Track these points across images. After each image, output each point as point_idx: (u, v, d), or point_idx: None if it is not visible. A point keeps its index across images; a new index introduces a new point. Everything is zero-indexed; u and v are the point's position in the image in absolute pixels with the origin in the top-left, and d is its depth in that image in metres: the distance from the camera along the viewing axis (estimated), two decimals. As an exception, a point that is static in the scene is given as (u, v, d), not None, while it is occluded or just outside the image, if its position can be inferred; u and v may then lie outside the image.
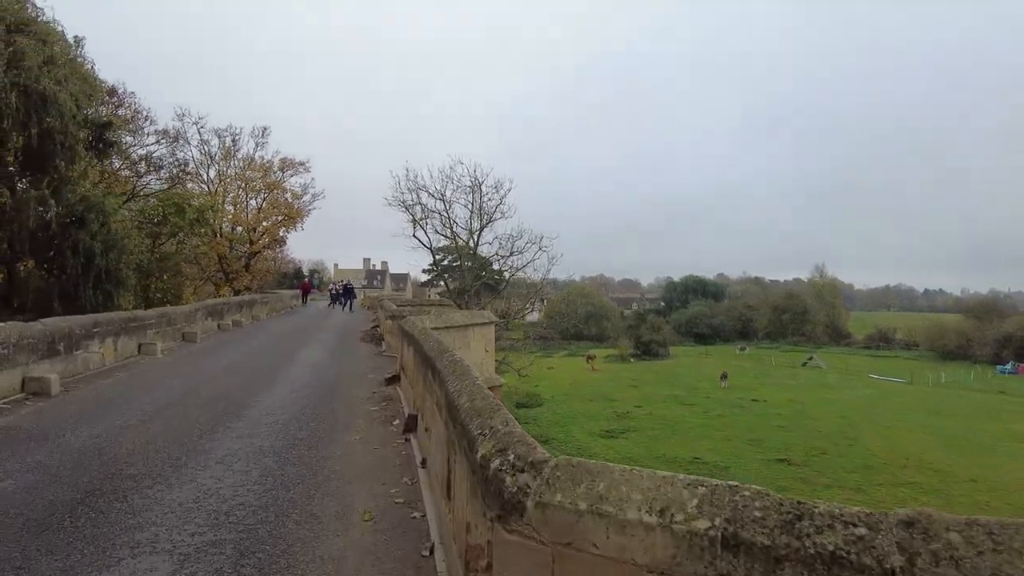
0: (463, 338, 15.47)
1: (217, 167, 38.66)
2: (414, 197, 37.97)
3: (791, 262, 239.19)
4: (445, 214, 38.85)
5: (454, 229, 39.36)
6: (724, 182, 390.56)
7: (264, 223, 39.93)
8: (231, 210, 39.27)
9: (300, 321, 28.22)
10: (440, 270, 48.57)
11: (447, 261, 47.51)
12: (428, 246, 39.72)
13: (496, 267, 42.02)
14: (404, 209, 38.02)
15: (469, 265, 40.73)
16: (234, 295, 33.85)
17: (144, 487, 5.60)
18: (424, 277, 72.11)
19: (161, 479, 5.83)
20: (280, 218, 40.62)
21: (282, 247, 46.62)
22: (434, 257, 43.41)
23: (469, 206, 38.88)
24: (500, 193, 37.89)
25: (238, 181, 39.38)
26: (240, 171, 39.50)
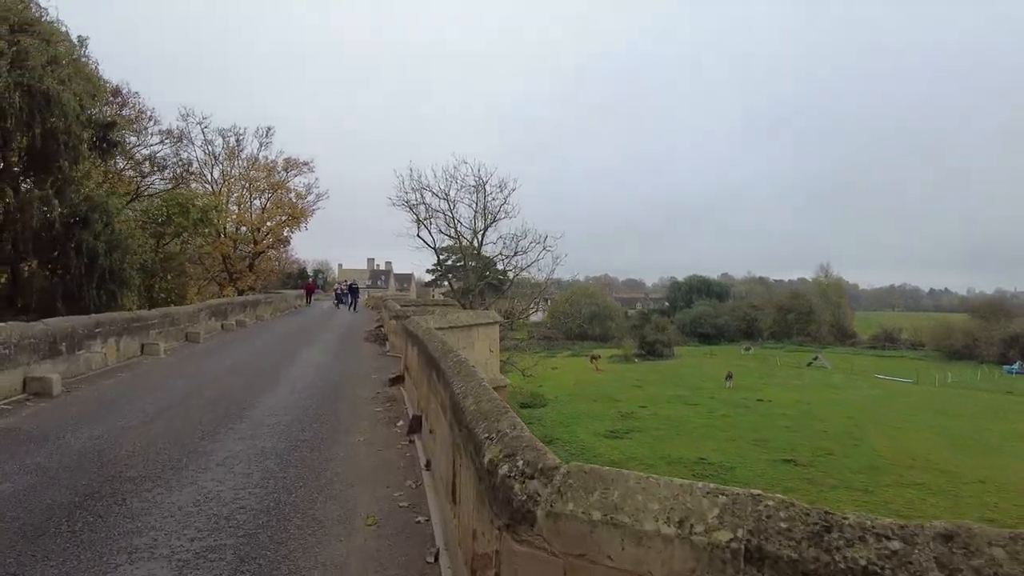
0: (467, 338, 15.36)
1: (221, 167, 38.75)
2: (418, 197, 37.89)
3: (795, 262, 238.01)
4: (449, 214, 38.75)
5: (458, 229, 39.26)
6: (726, 182, 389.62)
7: (268, 223, 39.97)
8: (235, 210, 39.33)
9: (304, 321, 28.16)
10: (444, 270, 48.48)
11: (451, 261, 47.43)
12: (432, 246, 39.64)
13: (500, 267, 41.91)
14: (408, 209, 37.94)
15: (473, 265, 40.59)
16: (238, 295, 33.86)
17: (144, 490, 5.50)
18: (428, 277, 72.07)
19: (161, 482, 5.73)
20: (284, 218, 40.65)
21: (286, 247, 46.70)
22: (438, 257, 43.33)
23: (473, 206, 38.78)
24: (504, 193, 37.80)
25: (242, 181, 39.46)
26: (244, 171, 39.57)
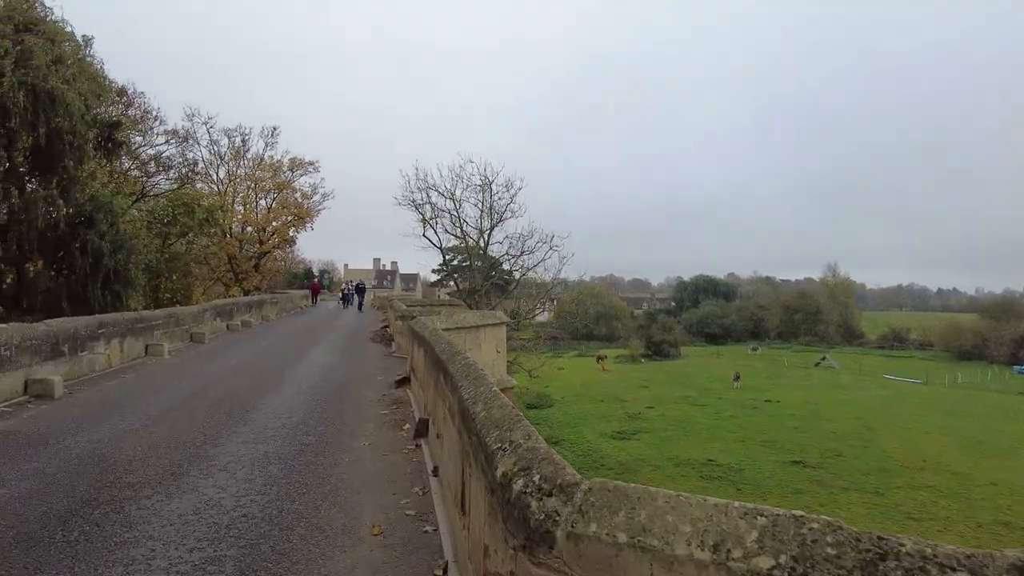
0: (474, 339, 15.19)
1: (227, 167, 38.76)
2: (424, 196, 37.66)
3: (801, 261, 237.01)
4: (455, 213, 38.52)
5: (464, 228, 39.04)
6: (728, 182, 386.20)
7: (274, 223, 39.96)
8: (241, 210, 39.35)
9: (310, 321, 28.05)
10: (450, 270, 48.35)
11: (457, 261, 47.27)
12: (438, 246, 39.40)
13: (506, 267, 41.71)
14: (415, 208, 37.73)
15: (479, 265, 40.40)
16: (244, 295, 33.80)
17: (143, 497, 5.33)
18: (434, 277, 72.01)
19: (161, 488, 5.56)
20: (290, 218, 40.62)
21: (292, 247, 46.67)
22: (444, 257, 43.15)
23: (479, 205, 38.56)
24: (511, 192, 37.54)
25: (248, 181, 39.46)
26: (250, 171, 39.58)
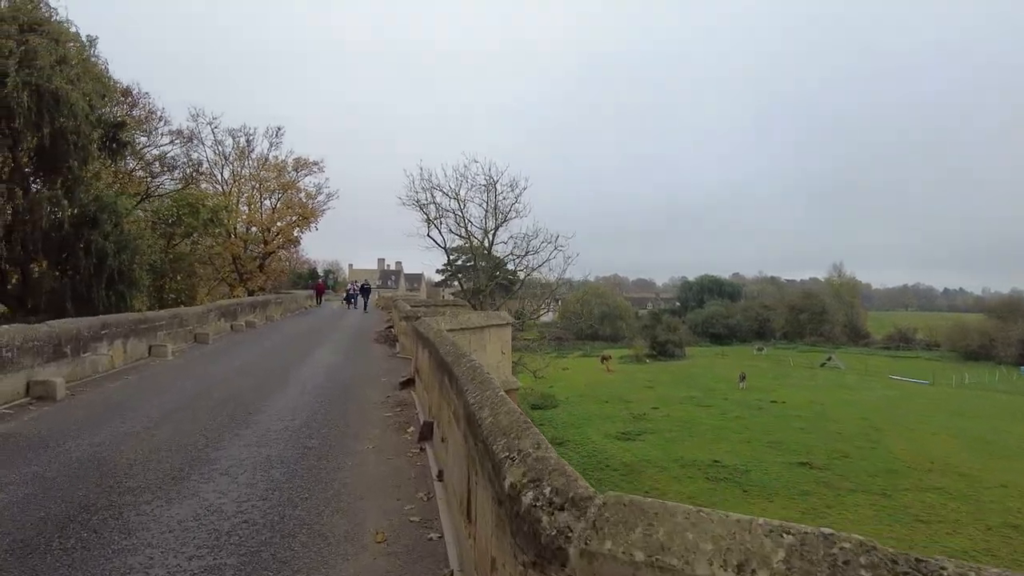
0: (479, 340, 15.08)
1: (231, 167, 38.71)
2: (428, 196, 37.60)
3: (800, 261, 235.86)
4: (460, 213, 38.44)
5: (469, 228, 38.94)
6: (730, 182, 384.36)
7: (278, 223, 39.87)
8: (245, 210, 39.29)
9: (314, 322, 28.00)
10: (454, 270, 48.23)
11: (461, 261, 47.17)
12: (443, 246, 39.32)
13: (511, 267, 41.57)
14: (419, 208, 37.66)
15: (484, 265, 40.29)
16: (248, 296, 33.77)
17: (142, 502, 5.24)
18: (438, 277, 71.90)
19: (161, 493, 5.47)
20: (294, 218, 40.56)
21: (296, 247, 46.62)
22: (448, 257, 43.07)
23: (484, 205, 38.45)
24: (515, 192, 37.43)
25: (252, 181, 39.39)
26: (254, 171, 39.51)
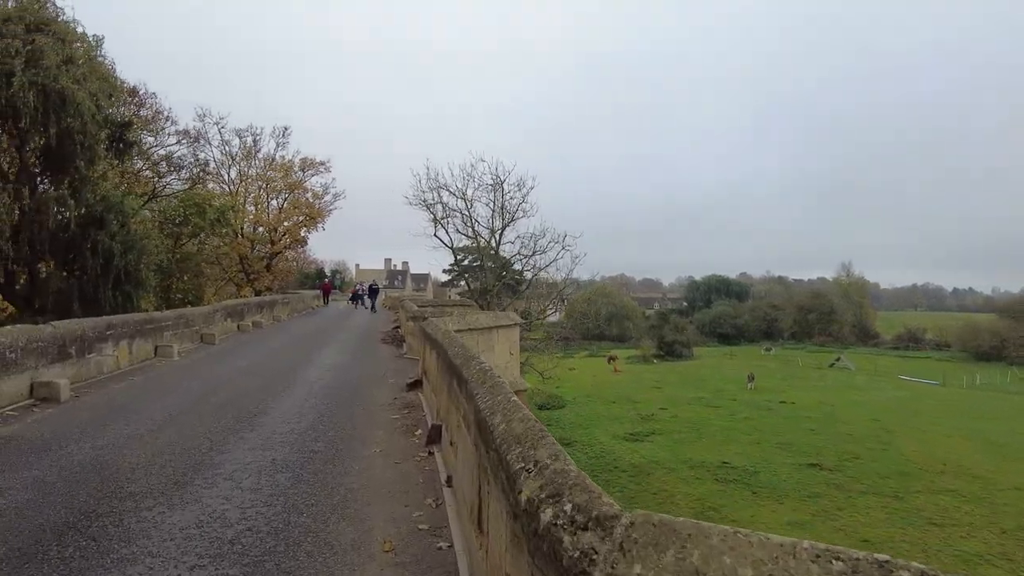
0: (487, 341, 14.93)
1: (238, 167, 38.75)
2: (435, 196, 37.46)
3: (803, 261, 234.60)
4: (467, 213, 38.27)
5: (475, 228, 38.77)
6: (732, 181, 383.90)
7: (285, 223, 39.91)
8: (252, 210, 39.34)
9: (321, 322, 27.91)
10: (461, 270, 48.11)
11: (467, 261, 47.03)
12: (449, 246, 39.16)
13: (518, 267, 41.41)
14: (425, 208, 37.52)
15: (491, 265, 40.14)
16: (255, 295, 33.75)
17: (144, 508, 5.11)
18: (445, 277, 71.81)
19: (163, 499, 5.34)
20: (301, 218, 40.55)
21: (303, 247, 46.62)
22: (455, 257, 42.92)
23: (491, 205, 38.29)
24: (522, 191, 37.23)
25: (259, 181, 39.44)
26: (261, 171, 39.55)
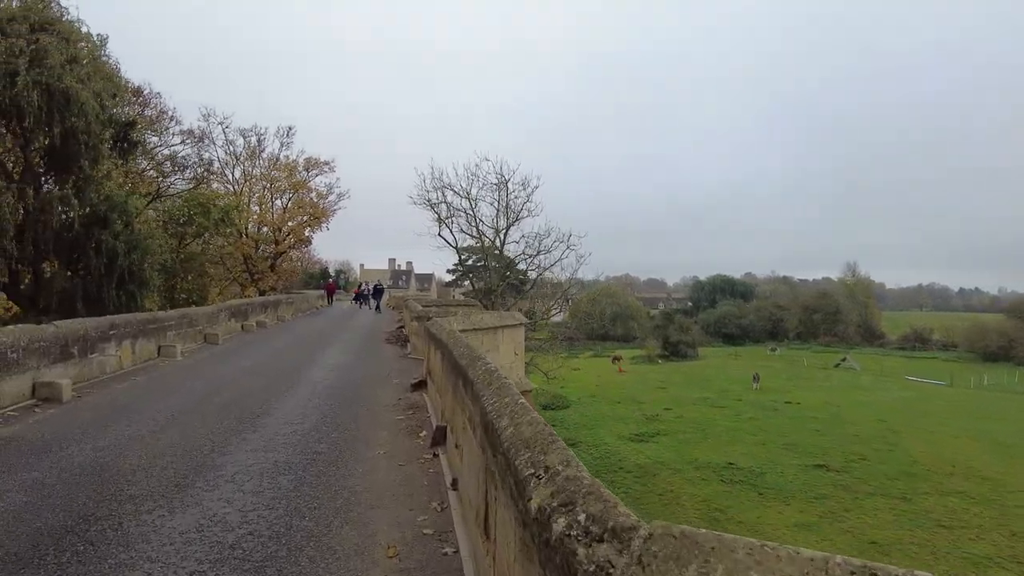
0: (492, 341, 14.82)
1: (242, 167, 38.72)
2: (439, 196, 37.35)
3: (804, 261, 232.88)
4: (471, 212, 38.14)
5: (480, 228, 38.65)
6: (731, 182, 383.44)
7: (289, 223, 39.83)
8: (257, 210, 39.31)
9: (325, 322, 27.86)
10: (465, 270, 48.00)
11: (472, 261, 46.93)
12: (454, 245, 39.05)
13: (522, 267, 41.28)
14: (430, 207, 37.42)
15: (495, 265, 40.01)
16: (260, 295, 33.71)
17: (143, 511, 5.01)
18: (449, 277, 71.71)
19: (164, 501, 5.24)
20: (305, 218, 40.50)
21: (308, 247, 46.58)
22: (459, 256, 42.81)
23: (495, 204, 38.15)
24: (527, 190, 37.04)
25: (263, 181, 39.40)
26: (265, 171, 39.51)
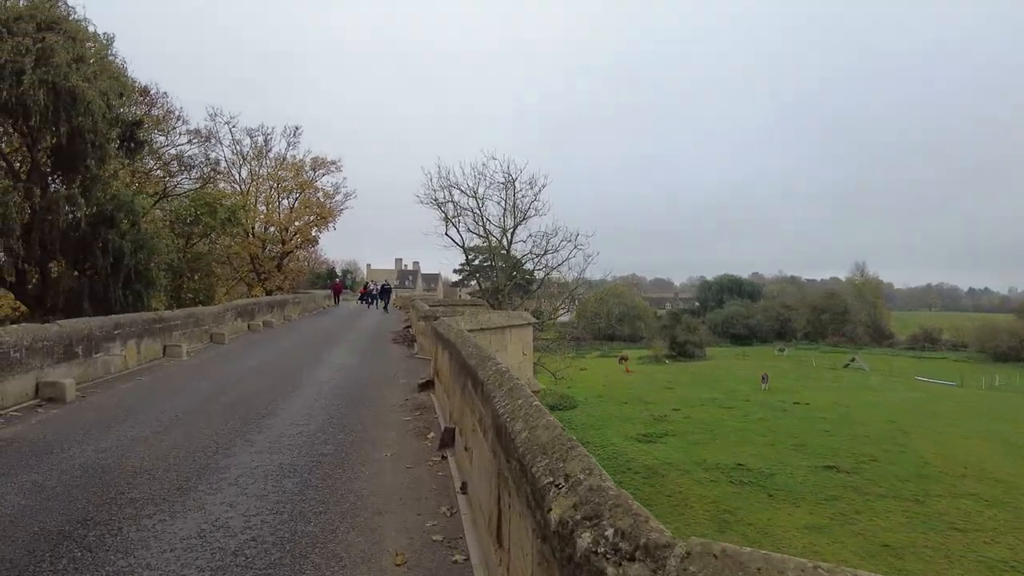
0: (500, 340, 14.66)
1: (249, 167, 38.71)
2: (446, 195, 37.22)
3: (805, 261, 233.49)
4: (478, 212, 37.98)
5: (487, 227, 38.48)
6: (731, 182, 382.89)
7: (296, 223, 39.79)
8: (263, 210, 39.26)
9: (332, 322, 27.75)
10: (472, 270, 47.86)
11: (478, 260, 46.78)
12: (461, 245, 38.89)
13: (529, 266, 41.11)
14: (437, 207, 37.29)
15: (502, 265, 39.84)
16: (266, 295, 33.67)
17: (144, 515, 4.87)
18: (455, 277, 71.60)
19: (165, 505, 5.10)
20: (312, 218, 40.44)
21: (314, 247, 46.54)
22: (466, 256, 42.67)
23: (502, 203, 37.99)
24: (534, 189, 36.88)
25: (270, 181, 39.37)
26: (272, 171, 39.48)
